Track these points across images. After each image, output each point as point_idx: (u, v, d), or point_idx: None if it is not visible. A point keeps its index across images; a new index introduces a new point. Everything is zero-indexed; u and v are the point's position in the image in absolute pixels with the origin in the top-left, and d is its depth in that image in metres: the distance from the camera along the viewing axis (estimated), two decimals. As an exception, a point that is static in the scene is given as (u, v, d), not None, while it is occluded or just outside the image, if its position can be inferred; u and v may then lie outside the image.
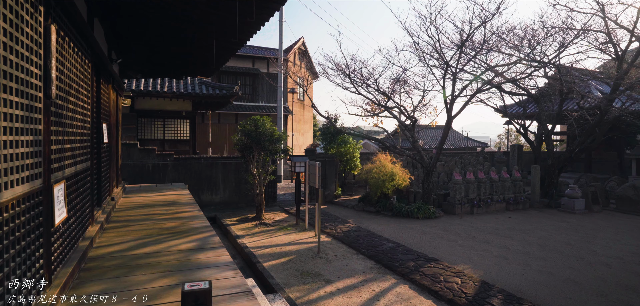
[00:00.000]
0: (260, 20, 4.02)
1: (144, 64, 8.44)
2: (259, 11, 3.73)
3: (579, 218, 11.59)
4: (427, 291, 5.77)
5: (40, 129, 2.45)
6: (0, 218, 1.86)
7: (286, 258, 7.32)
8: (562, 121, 16.43)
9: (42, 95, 2.48)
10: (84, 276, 3.22)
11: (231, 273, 3.38)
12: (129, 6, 4.63)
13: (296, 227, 9.86)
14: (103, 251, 3.96)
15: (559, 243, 8.68)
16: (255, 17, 3.84)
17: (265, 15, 3.92)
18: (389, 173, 12.05)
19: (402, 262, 6.94)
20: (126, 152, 11.30)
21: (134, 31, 5.81)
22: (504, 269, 6.83)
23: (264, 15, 3.90)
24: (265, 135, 10.27)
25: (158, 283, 3.11)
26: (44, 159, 2.51)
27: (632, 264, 7.25)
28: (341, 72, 11.49)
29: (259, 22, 4.06)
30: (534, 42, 11.29)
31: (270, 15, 3.95)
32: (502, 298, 5.42)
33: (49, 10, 2.61)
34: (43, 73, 2.49)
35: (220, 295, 2.90)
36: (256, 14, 3.74)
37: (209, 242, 4.41)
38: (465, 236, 9.11)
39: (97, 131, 5.05)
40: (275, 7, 3.73)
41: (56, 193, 2.79)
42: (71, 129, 3.44)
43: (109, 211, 5.48)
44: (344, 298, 5.51)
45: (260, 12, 3.79)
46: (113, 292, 2.90)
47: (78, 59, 3.77)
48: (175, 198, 7.60)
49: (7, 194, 1.91)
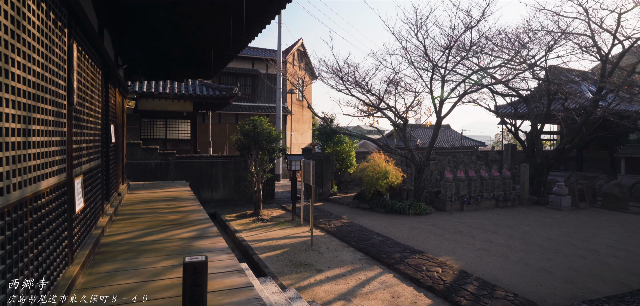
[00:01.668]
0: (250, 35, 4.49)
1: (147, 68, 8.92)
2: (249, 29, 4.21)
3: (564, 214, 12.04)
4: (409, 279, 6.25)
5: (65, 131, 2.93)
6: (40, 202, 2.35)
7: (281, 250, 7.81)
8: (551, 121, 16.87)
9: (66, 102, 2.96)
10: (98, 258, 3.71)
11: (226, 256, 3.87)
12: (135, 18, 5.11)
13: (292, 222, 10.34)
14: (113, 239, 4.45)
15: (540, 237, 9.14)
16: (246, 34, 4.32)
17: (255, 31, 4.40)
18: (382, 171, 12.53)
19: (389, 254, 7.42)
20: (130, 151, 11.79)
21: (139, 40, 6.29)
22: (485, 260, 7.30)
23: (253, 31, 4.37)
24: (263, 135, 10.76)
25: (162, 264, 3.60)
26: (67, 156, 3.00)
27: (605, 256, 7.71)
28: (335, 75, 11.97)
29: (250, 36, 4.54)
30: (518, 45, 11.74)
31: (259, 31, 4.43)
32: (477, 285, 5.89)
33: (72, 31, 3.09)
34: (67, 84, 2.97)
35: (217, 272, 3.38)
36: (246, 31, 4.22)
37: (208, 232, 4.90)
38: (452, 231, 9.58)
39: (106, 131, 5.54)
40: (262, 26, 4.21)
41: (76, 185, 3.27)
42: (86, 131, 3.93)
43: (116, 205, 5.97)
44: (332, 285, 6.00)
45: (250, 30, 4.27)
46: (124, 270, 3.39)
47: (91, 68, 4.25)
48: (177, 194, 8.09)
49: (43, 184, 2.39)
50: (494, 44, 11.96)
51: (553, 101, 13.46)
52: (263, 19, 4.28)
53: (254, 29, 4.30)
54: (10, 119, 1.87)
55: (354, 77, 11.81)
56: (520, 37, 11.71)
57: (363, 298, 5.52)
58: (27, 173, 2.11)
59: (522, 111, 16.07)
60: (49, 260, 2.52)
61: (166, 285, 3.09)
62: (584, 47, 11.97)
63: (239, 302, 2.79)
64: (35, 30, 2.25)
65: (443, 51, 11.14)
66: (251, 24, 4.14)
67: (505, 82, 13.12)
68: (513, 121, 16.45)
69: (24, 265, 2.05)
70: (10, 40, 1.86)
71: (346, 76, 11.74)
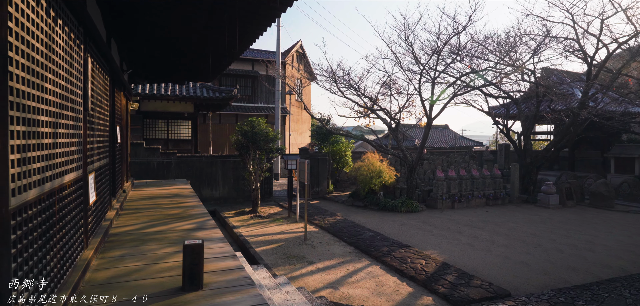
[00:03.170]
0: (242, 47, 4.96)
1: (149, 72, 9.40)
2: (242, 41, 4.67)
3: (551, 212, 12.49)
4: (394, 270, 6.71)
5: (81, 133, 3.40)
6: (64, 193, 2.81)
7: (276, 244, 8.28)
8: (542, 122, 17.29)
9: (82, 109, 3.43)
10: (108, 246, 4.18)
11: (222, 244, 4.33)
12: (139, 29, 5.58)
13: (288, 219, 10.81)
14: (120, 230, 4.92)
15: (524, 233, 9.58)
16: (239, 47, 4.78)
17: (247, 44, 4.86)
18: (376, 171, 12.99)
19: (378, 248, 7.87)
20: (133, 151, 12.27)
21: (142, 46, 6.77)
22: (467, 254, 7.75)
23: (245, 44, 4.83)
24: (261, 135, 11.22)
25: (164, 250, 4.06)
26: (83, 155, 3.46)
27: (582, 250, 8.16)
28: (330, 77, 12.44)
29: (242, 48, 5.01)
30: (506, 48, 12.19)
31: (250, 43, 4.89)
32: (457, 275, 6.35)
33: (87, 46, 3.56)
34: (83, 93, 3.44)
35: (213, 257, 3.84)
36: (239, 43, 4.68)
37: (206, 224, 5.36)
38: (441, 227, 10.04)
39: (112, 132, 6.00)
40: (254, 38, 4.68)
41: (90, 180, 3.74)
42: (97, 132, 4.39)
43: (122, 201, 6.44)
44: (322, 275, 6.46)
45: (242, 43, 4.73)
46: (131, 255, 3.85)
47: (101, 76, 4.72)
48: (178, 191, 8.55)
49: (66, 178, 2.86)
50: (485, 47, 12.40)
51: (542, 102, 13.90)
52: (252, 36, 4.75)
53: (245, 43, 4.77)
54: (45, 125, 2.33)
55: (348, 80, 12.29)
56: (508, 42, 12.17)
57: (349, 286, 5.98)
58: (56, 168, 2.57)
59: (513, 112, 16.51)
60: (70, 242, 2.99)
61: (168, 266, 3.56)
62: (570, 51, 12.41)
63: (230, 280, 3.25)
64: (61, 51, 2.71)
65: (430, 55, 11.59)
66: (242, 39, 4.60)
67: (495, 84, 13.57)
68: (505, 121, 16.90)
69: (52, 244, 2.52)
70: (44, 62, 2.32)
71: (340, 79, 12.21)
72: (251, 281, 3.24)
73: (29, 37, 2.05)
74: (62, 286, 2.67)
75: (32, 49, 2.10)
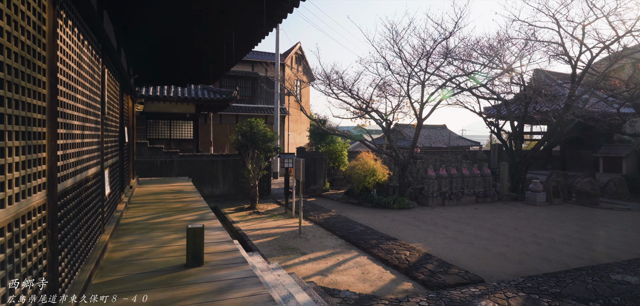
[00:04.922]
0: (239, 55, 5.51)
1: (153, 75, 9.98)
2: (238, 49, 5.23)
3: (537, 209, 13.03)
4: (380, 260, 7.27)
5: (99, 134, 3.97)
6: (88, 184, 3.38)
7: (272, 237, 8.84)
8: (532, 122, 17.82)
9: (100, 113, 4.00)
10: (119, 233, 4.75)
11: (220, 232, 4.90)
12: (147, 39, 6.15)
13: (284, 215, 11.38)
14: (129, 220, 5.49)
15: (508, 228, 10.13)
16: (235, 55, 5.34)
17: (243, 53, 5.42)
18: (370, 169, 13.55)
19: (367, 240, 8.43)
20: (138, 150, 12.85)
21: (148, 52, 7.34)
22: (450, 246, 8.31)
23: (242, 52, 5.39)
24: (259, 135, 11.79)
25: (169, 237, 4.63)
26: (100, 152, 4.03)
27: (559, 243, 8.70)
28: (324, 80, 13.00)
29: (239, 56, 5.56)
30: (492, 54, 12.74)
31: (247, 52, 5.45)
32: (436, 264, 6.90)
33: (104, 60, 4.13)
34: (101, 99, 4.01)
35: (212, 242, 4.41)
36: (236, 52, 5.24)
37: (206, 216, 5.93)
38: (429, 223, 10.59)
39: (121, 133, 6.58)
40: (251, 46, 5.25)
41: (106, 175, 4.31)
42: (110, 133, 4.97)
43: (129, 196, 7.02)
44: (313, 264, 7.02)
45: (239, 52, 5.29)
46: (141, 240, 4.42)
47: (113, 82, 5.29)
48: (181, 188, 9.13)
49: (90, 172, 3.43)
50: (473, 50, 12.95)
51: (529, 104, 14.44)
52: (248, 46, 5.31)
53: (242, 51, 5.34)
54: (76, 127, 2.90)
55: (342, 83, 12.85)
56: (494, 46, 12.72)
57: (337, 273, 6.54)
58: (83, 162, 3.14)
59: (504, 113, 17.04)
60: (92, 226, 3.56)
61: (174, 249, 4.12)
62: (555, 54, 12.95)
63: (227, 259, 3.82)
64: (86, 66, 3.28)
65: (418, 60, 12.15)
66: (239, 48, 5.16)
67: (485, 86, 14.11)
68: (497, 121, 17.44)
69: (80, 225, 3.09)
70: (76, 77, 2.89)
71: (334, 82, 12.77)
72: (244, 260, 3.80)
73: (68, 60, 2.62)
74: (87, 260, 3.24)
75: (69, 68, 2.67)
